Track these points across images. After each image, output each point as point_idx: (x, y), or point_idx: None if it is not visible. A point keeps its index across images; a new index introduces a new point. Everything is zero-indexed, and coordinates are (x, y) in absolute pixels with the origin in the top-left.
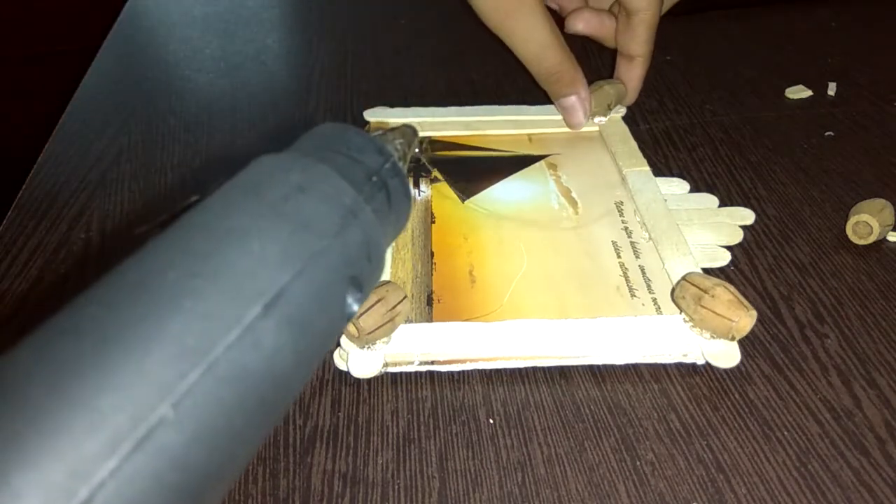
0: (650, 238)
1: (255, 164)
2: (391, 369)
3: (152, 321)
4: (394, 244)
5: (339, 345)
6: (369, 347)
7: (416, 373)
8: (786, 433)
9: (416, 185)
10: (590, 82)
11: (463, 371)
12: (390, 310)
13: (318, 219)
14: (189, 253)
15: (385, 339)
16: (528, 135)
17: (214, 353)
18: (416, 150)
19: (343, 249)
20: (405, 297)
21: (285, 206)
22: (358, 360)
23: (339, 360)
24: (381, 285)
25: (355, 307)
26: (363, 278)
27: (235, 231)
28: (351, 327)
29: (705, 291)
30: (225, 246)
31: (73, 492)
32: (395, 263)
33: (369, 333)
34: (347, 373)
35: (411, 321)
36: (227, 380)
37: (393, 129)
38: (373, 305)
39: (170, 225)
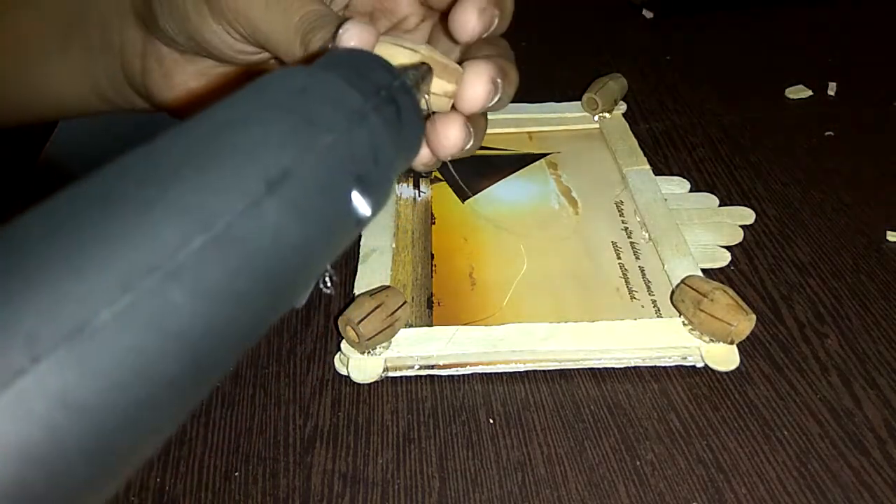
0: (650, 238)
1: (261, 76)
2: (392, 374)
3: (153, 187)
4: (394, 246)
5: (339, 349)
6: (369, 352)
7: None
8: (786, 433)
9: (416, 185)
10: (589, 82)
11: (463, 373)
12: (390, 315)
13: (323, 116)
14: (192, 136)
15: (385, 344)
16: (529, 133)
17: (219, 219)
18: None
19: (348, 146)
20: (405, 302)
21: (290, 102)
22: (358, 365)
23: (340, 365)
24: (381, 290)
25: (364, 211)
26: (371, 181)
27: (238, 120)
28: (351, 333)
29: (704, 295)
30: (227, 130)
31: (79, 327)
32: (396, 266)
33: (369, 339)
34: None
35: (411, 325)
36: (231, 243)
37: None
38: (372, 311)
39: None
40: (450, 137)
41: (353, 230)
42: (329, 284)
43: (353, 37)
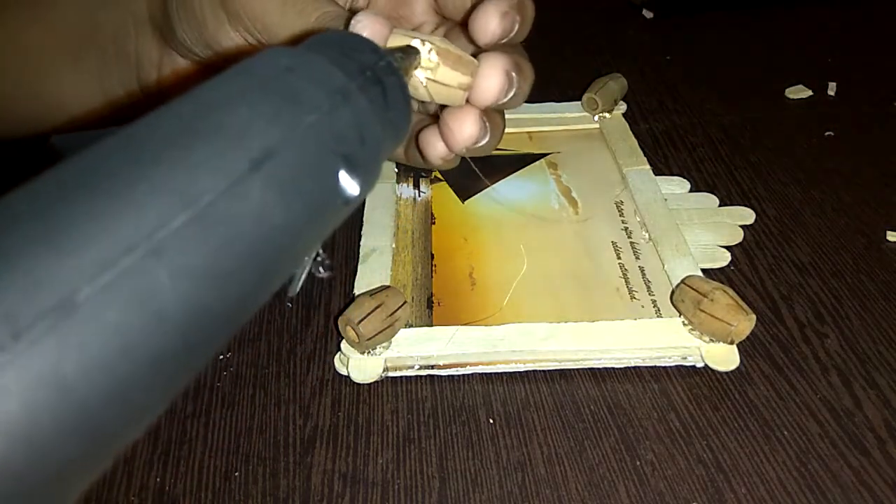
0: (650, 238)
1: (247, 58)
2: (392, 374)
3: (136, 166)
4: (394, 246)
5: (339, 349)
6: (370, 352)
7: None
8: (786, 433)
9: (416, 185)
10: (589, 82)
11: (463, 373)
12: (390, 315)
13: (307, 95)
14: (176, 116)
15: (385, 344)
16: (529, 133)
17: (202, 197)
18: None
19: (333, 125)
20: (405, 302)
21: (274, 82)
22: (358, 365)
23: (340, 365)
24: (381, 290)
25: (352, 190)
26: (357, 160)
27: (223, 100)
28: (351, 333)
29: (704, 295)
30: (212, 111)
31: (59, 305)
32: (396, 266)
33: (369, 339)
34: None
35: (411, 325)
36: (214, 222)
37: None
38: (372, 311)
39: None
40: (464, 130)
41: (342, 210)
42: (323, 269)
43: (365, 28)
